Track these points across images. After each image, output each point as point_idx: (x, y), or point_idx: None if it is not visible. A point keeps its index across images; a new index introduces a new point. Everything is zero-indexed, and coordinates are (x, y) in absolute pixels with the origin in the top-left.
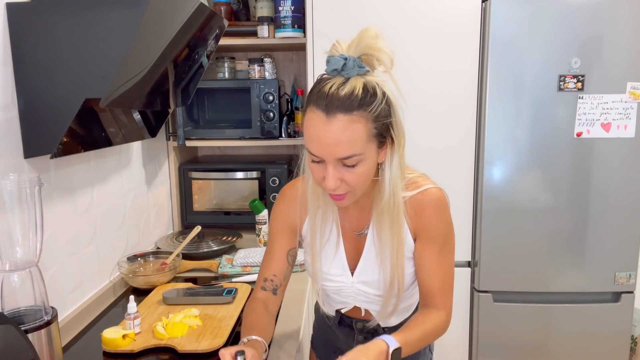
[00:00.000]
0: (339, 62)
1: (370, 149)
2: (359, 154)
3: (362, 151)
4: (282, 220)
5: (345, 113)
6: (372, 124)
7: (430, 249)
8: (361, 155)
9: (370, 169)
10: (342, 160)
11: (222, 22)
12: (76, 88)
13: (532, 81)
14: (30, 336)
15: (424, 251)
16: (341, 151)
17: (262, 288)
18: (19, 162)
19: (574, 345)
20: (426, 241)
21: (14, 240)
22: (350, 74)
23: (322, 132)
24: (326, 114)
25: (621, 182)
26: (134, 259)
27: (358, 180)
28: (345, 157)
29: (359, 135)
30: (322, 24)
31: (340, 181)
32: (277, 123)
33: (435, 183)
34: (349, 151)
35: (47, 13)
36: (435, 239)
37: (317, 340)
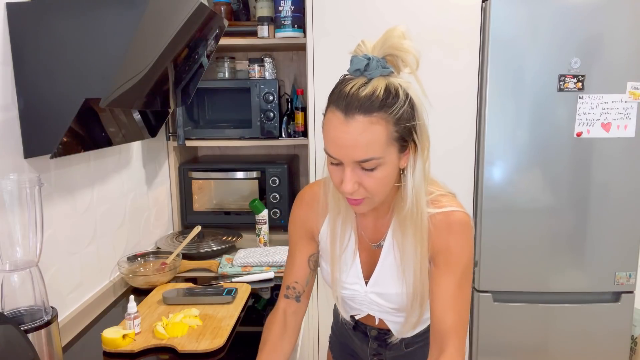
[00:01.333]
0: (361, 62)
1: (391, 153)
2: (378, 157)
3: (382, 155)
4: (301, 225)
5: (365, 114)
6: (393, 126)
7: (448, 278)
8: (380, 159)
9: (390, 175)
10: (361, 164)
11: (222, 22)
12: (76, 88)
13: (532, 81)
14: (30, 336)
15: (440, 278)
16: (359, 154)
17: (285, 296)
18: (19, 162)
19: (574, 345)
20: (444, 267)
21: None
22: (373, 74)
23: (340, 133)
24: (345, 114)
25: (621, 182)
26: (134, 258)
27: (377, 185)
28: (363, 160)
29: (378, 137)
30: (322, 24)
31: (358, 185)
32: (277, 123)
33: (462, 206)
34: (367, 154)
35: (47, 13)
36: (455, 268)
37: (335, 342)
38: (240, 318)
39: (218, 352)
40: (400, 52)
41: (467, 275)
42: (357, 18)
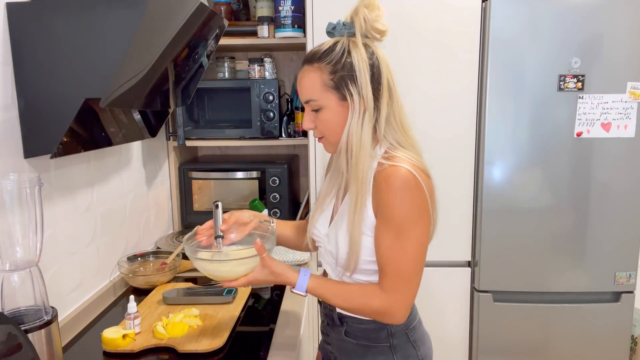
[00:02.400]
0: (330, 25)
1: (329, 99)
2: (315, 99)
3: (318, 98)
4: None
5: (308, 64)
6: (328, 75)
7: (385, 232)
8: (318, 102)
9: (333, 119)
10: (308, 105)
11: (222, 22)
12: (76, 88)
13: (532, 81)
14: (31, 336)
15: (379, 231)
16: (303, 95)
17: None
18: (19, 162)
19: (574, 345)
20: (382, 221)
21: (14, 240)
22: (336, 34)
23: (297, 81)
24: (302, 66)
25: (621, 182)
26: (134, 258)
27: (323, 125)
28: (306, 101)
29: (314, 82)
30: (322, 24)
31: (313, 124)
32: (277, 123)
33: (422, 167)
34: (307, 96)
35: (47, 13)
36: (391, 222)
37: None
38: (240, 318)
39: (218, 352)
40: (357, 16)
41: (407, 233)
42: None
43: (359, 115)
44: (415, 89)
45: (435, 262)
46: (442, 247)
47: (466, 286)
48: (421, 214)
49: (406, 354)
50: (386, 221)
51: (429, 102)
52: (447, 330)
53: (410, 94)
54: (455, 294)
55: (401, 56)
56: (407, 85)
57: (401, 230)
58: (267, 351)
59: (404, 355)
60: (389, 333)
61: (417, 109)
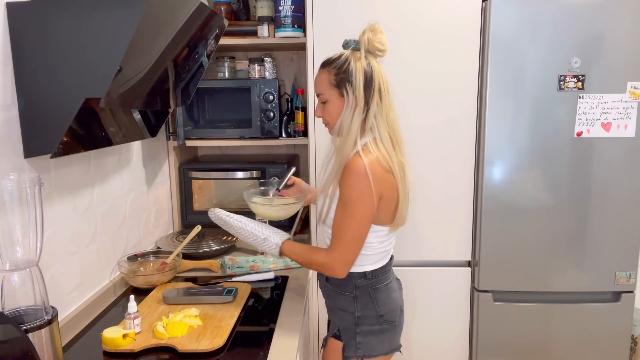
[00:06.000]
0: (345, 41)
1: (333, 95)
2: (323, 93)
3: (325, 92)
4: None
5: (322, 67)
6: (333, 76)
7: (339, 204)
8: (325, 96)
9: (335, 110)
10: (319, 97)
11: (222, 21)
12: (76, 88)
13: (532, 81)
14: (31, 336)
15: (337, 205)
16: (315, 88)
17: None
18: (19, 162)
19: (574, 345)
20: (340, 197)
21: (14, 240)
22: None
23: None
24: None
25: (621, 182)
26: (134, 258)
27: (327, 115)
28: (317, 94)
29: (323, 80)
30: (322, 24)
31: (321, 113)
32: (277, 123)
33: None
34: (318, 90)
35: (47, 13)
36: (342, 198)
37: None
38: (240, 318)
39: (218, 352)
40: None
41: (350, 209)
42: (357, 17)
43: (351, 109)
44: (415, 89)
45: (435, 262)
46: (442, 247)
47: (466, 286)
48: (362, 197)
49: (365, 306)
50: (340, 197)
51: (429, 102)
52: (447, 330)
53: (410, 94)
54: (455, 294)
55: (401, 56)
56: (406, 86)
57: (346, 206)
58: (267, 351)
59: (363, 307)
60: (354, 286)
61: (417, 109)
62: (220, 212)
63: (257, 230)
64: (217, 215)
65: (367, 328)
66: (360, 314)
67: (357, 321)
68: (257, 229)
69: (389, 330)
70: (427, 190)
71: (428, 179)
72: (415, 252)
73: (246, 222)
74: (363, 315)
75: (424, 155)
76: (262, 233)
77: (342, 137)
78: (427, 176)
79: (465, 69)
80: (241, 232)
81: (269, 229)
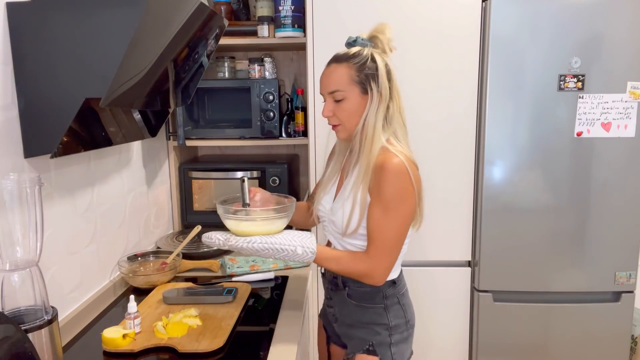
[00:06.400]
0: (351, 38)
1: (353, 91)
2: (342, 90)
3: (344, 89)
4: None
5: (337, 62)
6: (355, 72)
7: (376, 207)
8: (344, 92)
9: (353, 108)
10: (332, 95)
11: (222, 21)
12: (76, 88)
13: (532, 81)
14: (31, 336)
15: (371, 207)
16: (330, 86)
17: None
18: (19, 162)
19: (574, 345)
20: (375, 198)
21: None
22: (358, 45)
23: (322, 76)
24: (328, 65)
25: (621, 181)
26: (134, 258)
27: (344, 114)
28: (332, 90)
29: (342, 76)
30: (322, 24)
31: (333, 113)
32: (277, 123)
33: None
34: (334, 87)
35: (47, 13)
36: (381, 200)
37: (322, 310)
38: (240, 318)
39: (218, 352)
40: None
41: (394, 211)
42: (357, 17)
43: (376, 107)
44: (415, 89)
45: (435, 262)
46: (442, 247)
47: (466, 286)
48: (406, 197)
49: (396, 314)
50: (378, 198)
51: (428, 102)
52: (447, 330)
53: (410, 94)
54: (455, 294)
55: (401, 56)
56: (407, 85)
57: (388, 207)
58: (267, 351)
59: (395, 316)
60: (383, 296)
61: (417, 108)
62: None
63: (285, 244)
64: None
65: (399, 336)
66: (393, 323)
67: (390, 332)
68: (285, 242)
69: (411, 334)
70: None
71: (428, 178)
72: (415, 252)
73: (270, 241)
74: (395, 325)
75: (424, 155)
76: (291, 244)
77: (368, 137)
78: (427, 176)
79: (465, 68)
80: (268, 252)
81: (294, 235)
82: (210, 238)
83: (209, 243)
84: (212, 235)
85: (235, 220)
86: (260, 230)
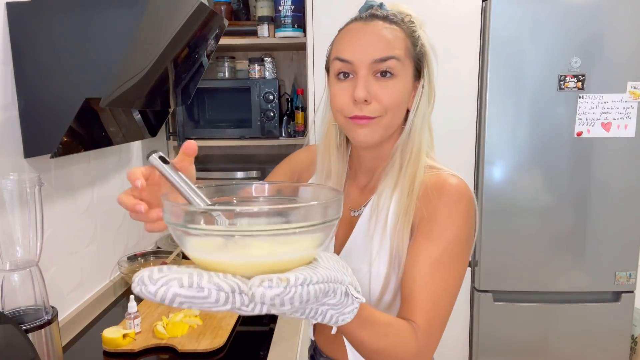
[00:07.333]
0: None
1: (407, 69)
2: (398, 57)
3: (401, 58)
4: (293, 165)
5: (386, 22)
6: (411, 42)
7: (426, 250)
8: (400, 62)
9: (403, 93)
10: (378, 65)
11: (222, 21)
12: (76, 88)
13: (532, 81)
14: (31, 336)
15: (418, 250)
16: (380, 49)
17: None
18: (19, 162)
19: (574, 345)
20: (425, 237)
21: (14, 240)
22: (384, 11)
23: (359, 33)
24: (364, 21)
25: (621, 181)
26: (134, 258)
27: (391, 97)
28: (384, 57)
29: (399, 41)
30: (323, 24)
31: (370, 93)
32: (277, 122)
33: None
34: (388, 51)
35: (47, 13)
36: (438, 240)
37: None
38: (240, 318)
39: (218, 352)
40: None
41: (452, 256)
42: None
43: (427, 102)
44: None
45: None
46: None
47: (466, 286)
48: (470, 237)
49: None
50: (431, 239)
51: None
52: (447, 330)
53: None
54: None
55: None
56: None
57: (446, 252)
58: (267, 351)
59: None
60: None
61: None
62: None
63: (337, 279)
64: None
65: None
66: None
67: None
68: (337, 277)
69: None
70: None
71: None
72: None
73: (322, 276)
74: None
75: None
76: (342, 280)
77: (415, 145)
78: None
79: (465, 68)
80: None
81: (336, 261)
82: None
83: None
84: (184, 281)
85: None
86: (301, 257)
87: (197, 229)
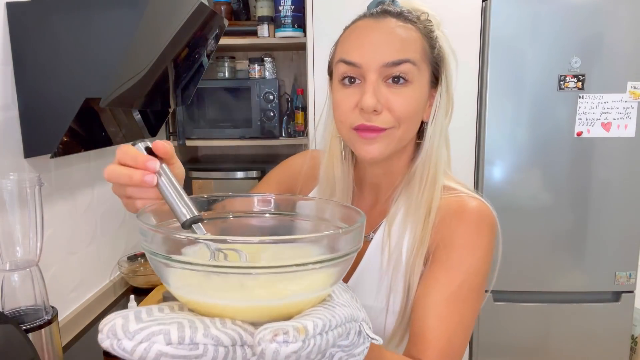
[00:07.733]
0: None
1: (423, 75)
2: (413, 60)
3: (417, 61)
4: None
5: (400, 20)
6: (428, 44)
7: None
8: (415, 67)
9: (419, 103)
10: (390, 69)
11: (222, 21)
12: (76, 88)
13: (532, 81)
14: (31, 336)
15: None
16: (393, 52)
17: None
18: (19, 162)
19: (574, 345)
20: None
21: (14, 240)
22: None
23: (369, 32)
24: (375, 18)
25: (621, 181)
26: (135, 258)
27: (405, 106)
28: (397, 61)
29: (415, 42)
30: (323, 24)
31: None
32: (278, 122)
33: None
34: (402, 53)
35: (47, 13)
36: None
37: None
38: None
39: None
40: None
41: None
42: None
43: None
44: None
45: None
46: None
47: None
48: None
49: None
50: (448, 267)
51: None
52: None
53: None
54: None
55: None
56: None
57: (466, 286)
58: None
59: None
60: None
61: None
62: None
63: (350, 316)
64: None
65: None
66: None
67: None
68: (351, 314)
69: None
70: None
71: None
72: None
73: (340, 316)
74: None
75: None
76: (357, 317)
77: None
78: None
79: (465, 68)
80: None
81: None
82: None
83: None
84: (172, 335)
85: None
86: (318, 297)
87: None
